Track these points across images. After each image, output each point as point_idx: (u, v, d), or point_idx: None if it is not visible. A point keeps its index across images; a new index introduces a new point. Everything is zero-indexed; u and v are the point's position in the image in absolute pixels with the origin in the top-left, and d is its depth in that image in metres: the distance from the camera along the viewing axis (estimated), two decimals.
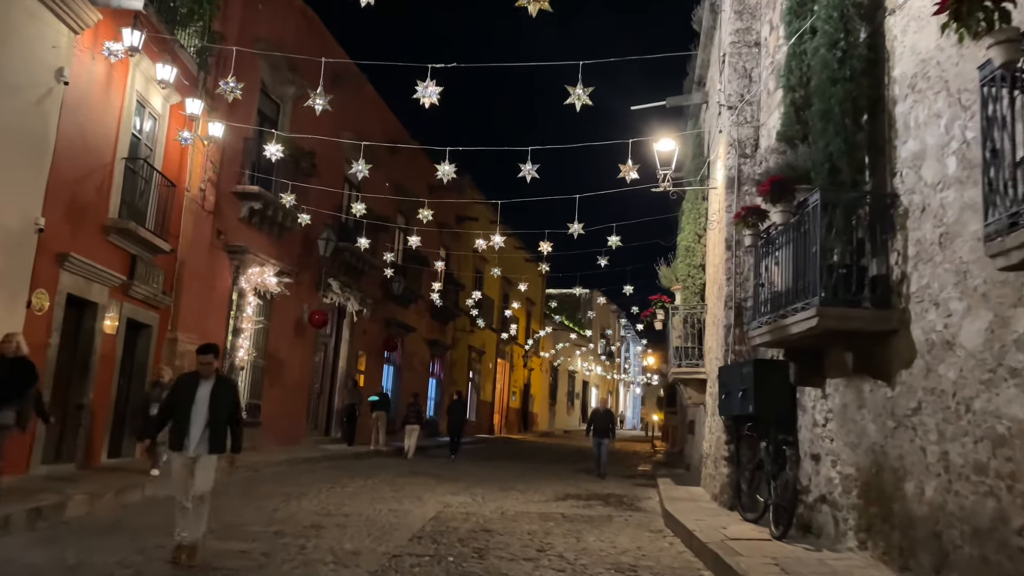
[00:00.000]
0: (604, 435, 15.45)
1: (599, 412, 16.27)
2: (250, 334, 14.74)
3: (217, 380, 6.33)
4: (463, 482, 13.20)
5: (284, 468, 13.34)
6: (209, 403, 6.14)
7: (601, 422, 15.72)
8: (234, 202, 14.12)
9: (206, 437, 6.12)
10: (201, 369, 6.33)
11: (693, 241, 11.88)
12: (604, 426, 15.60)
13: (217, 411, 6.17)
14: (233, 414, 6.36)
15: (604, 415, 16.04)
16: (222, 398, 6.22)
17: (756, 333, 7.39)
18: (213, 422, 6.14)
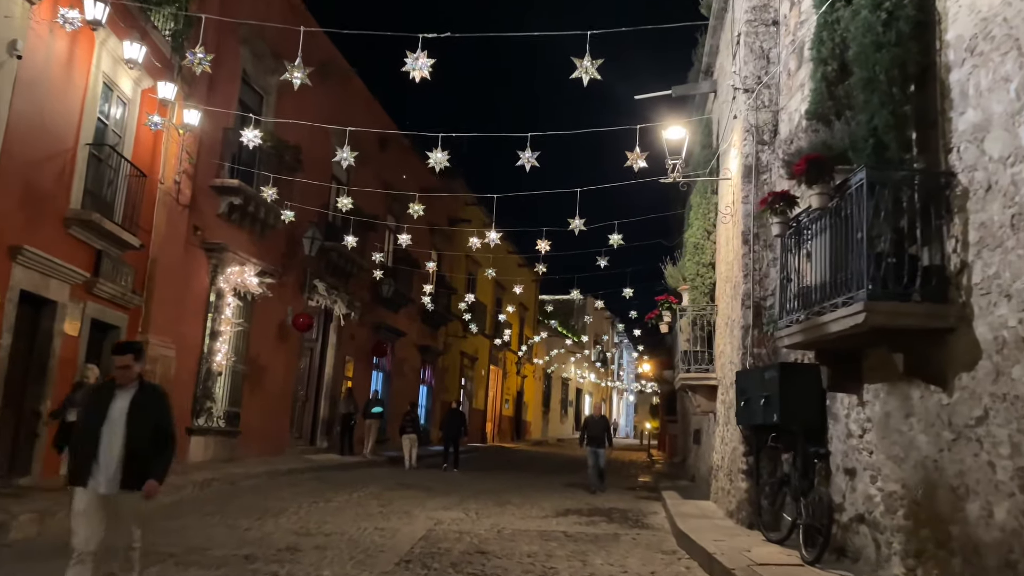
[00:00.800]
0: (600, 444, 14.18)
1: (593, 419, 14.85)
2: (229, 338, 13.88)
3: (140, 390, 4.73)
4: (455, 495, 12.37)
5: (264, 480, 12.47)
6: (127, 421, 4.56)
7: (596, 430, 14.37)
8: (212, 197, 13.28)
9: (121, 468, 4.52)
10: (118, 375, 4.75)
11: (702, 238, 11.12)
12: (599, 434, 14.32)
13: (138, 432, 4.58)
14: (162, 436, 4.74)
15: (599, 423, 14.64)
16: (145, 414, 4.64)
17: (785, 333, 6.61)
18: (133, 447, 4.55)
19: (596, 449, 14.09)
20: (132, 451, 4.55)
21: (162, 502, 9.53)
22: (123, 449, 4.54)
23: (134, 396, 4.67)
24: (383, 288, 20.42)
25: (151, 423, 4.67)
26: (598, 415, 15.11)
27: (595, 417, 14.97)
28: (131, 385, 4.72)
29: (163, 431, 4.77)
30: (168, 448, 4.81)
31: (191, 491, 10.43)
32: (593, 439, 14.27)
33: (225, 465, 12.86)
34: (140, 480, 4.58)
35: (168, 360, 11.84)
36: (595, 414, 15.13)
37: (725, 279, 10.12)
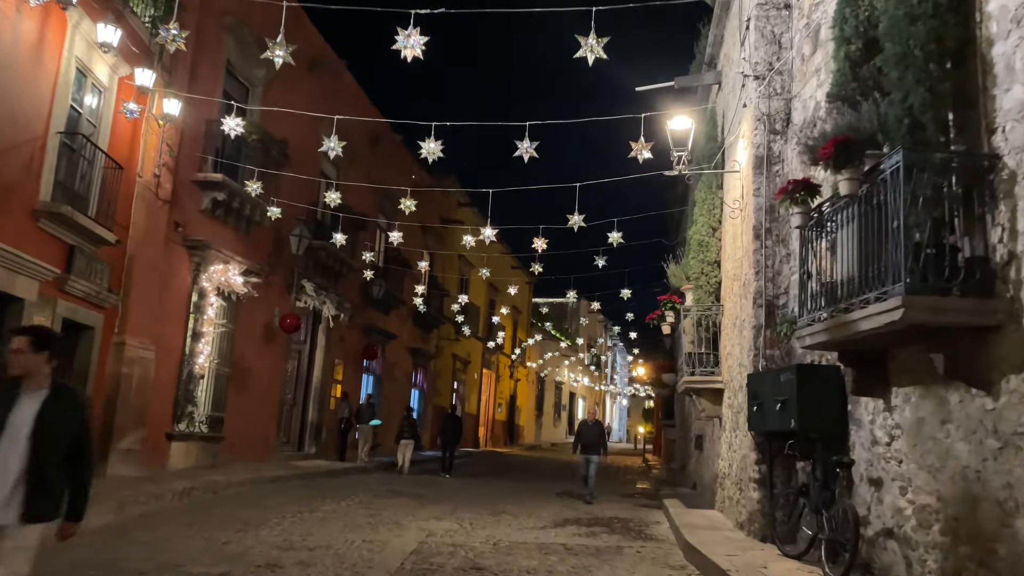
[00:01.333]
0: (594, 451, 13.16)
1: (587, 425, 13.64)
2: (213, 339, 13.31)
3: (54, 395, 3.58)
4: (448, 504, 11.83)
5: (248, 488, 11.90)
6: (32, 433, 3.45)
7: (590, 436, 13.31)
8: (195, 192, 12.72)
9: (21, 493, 3.43)
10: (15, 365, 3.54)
11: (707, 235, 10.64)
12: (593, 441, 13.26)
13: (46, 447, 3.48)
14: (78, 453, 3.63)
15: (593, 428, 13.44)
16: (58, 426, 3.54)
17: (806, 333, 6.12)
18: (38, 466, 3.46)
19: (589, 457, 13.10)
20: (37, 471, 3.46)
21: (136, 513, 9.01)
22: (24, 469, 3.43)
23: (44, 401, 3.53)
24: (373, 289, 19.88)
25: (65, 438, 3.57)
26: (592, 420, 13.82)
27: (589, 422, 13.73)
28: (41, 387, 3.56)
29: (81, 450, 3.65)
30: (88, 473, 3.73)
31: (169, 500, 9.86)
32: (587, 446, 13.27)
33: (207, 472, 12.29)
34: (44, 511, 3.51)
35: (147, 362, 11.28)
36: (589, 419, 13.88)
37: (732, 277, 9.64)
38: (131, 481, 10.37)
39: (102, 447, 10.63)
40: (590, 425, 13.57)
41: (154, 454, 11.78)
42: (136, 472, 11.05)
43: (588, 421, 13.82)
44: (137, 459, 11.12)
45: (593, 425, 13.54)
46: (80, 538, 7.70)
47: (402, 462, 16.94)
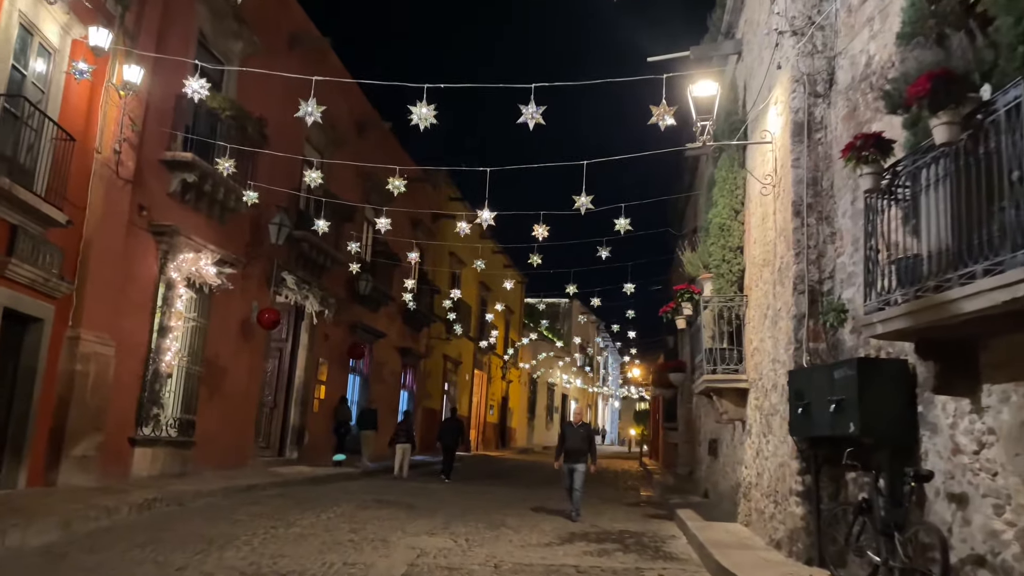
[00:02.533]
0: (580, 459, 11.14)
1: (573, 428, 11.51)
2: (182, 335, 12.16)
3: None
4: (440, 515, 10.74)
5: (218, 499, 10.76)
6: None
7: (576, 441, 11.27)
8: (162, 172, 11.58)
9: None
10: None
11: (729, 218, 9.60)
12: (580, 447, 11.23)
13: None
14: None
15: (580, 432, 11.36)
16: None
17: (879, 319, 5.07)
18: None
19: (574, 466, 11.07)
20: None
21: (84, 530, 7.87)
22: None
23: None
24: (360, 284, 18.75)
25: None
26: (579, 422, 11.63)
27: (574, 425, 11.58)
28: None
29: None
30: None
31: (126, 515, 8.71)
32: (572, 453, 11.19)
33: (175, 481, 11.14)
34: None
35: (105, 359, 10.12)
36: (575, 421, 11.75)
37: (762, 263, 8.60)
38: (84, 492, 9.22)
39: (52, 454, 9.48)
40: (576, 428, 11.52)
41: (115, 461, 10.63)
42: (92, 482, 9.90)
43: (574, 423, 11.68)
44: (94, 467, 9.97)
45: (579, 428, 11.49)
46: (12, 562, 6.59)
47: (399, 466, 16.80)
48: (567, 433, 11.56)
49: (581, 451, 11.27)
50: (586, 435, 11.42)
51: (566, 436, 11.51)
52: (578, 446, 11.31)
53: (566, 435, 11.52)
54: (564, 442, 11.46)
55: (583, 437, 11.39)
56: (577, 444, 11.33)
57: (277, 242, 14.05)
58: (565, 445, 11.40)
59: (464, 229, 12.00)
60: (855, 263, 6.56)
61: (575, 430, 11.51)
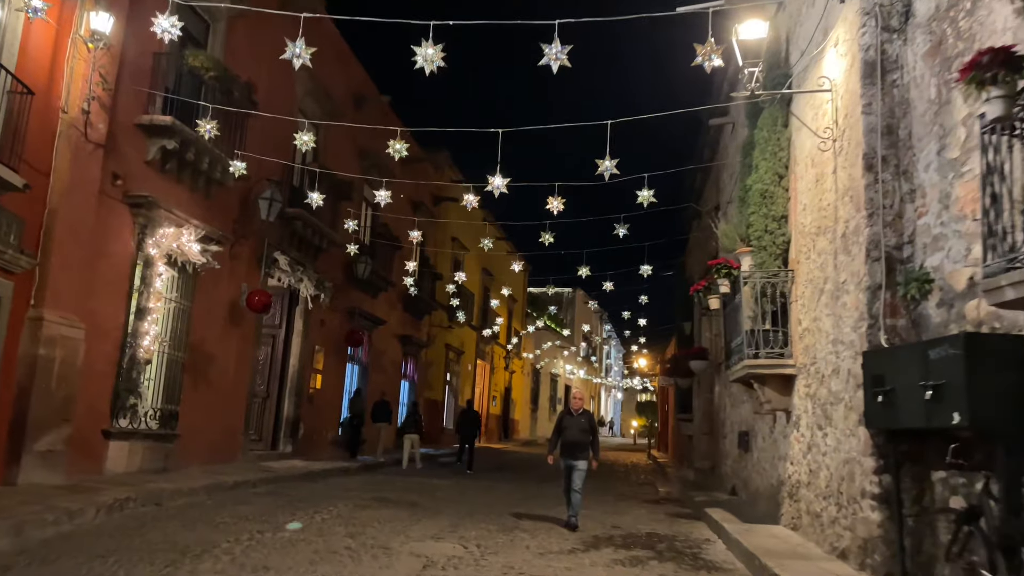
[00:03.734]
0: (581, 454, 9.36)
1: (572, 417, 9.62)
2: (163, 317, 11.10)
3: None
4: (446, 516, 9.72)
5: (201, 499, 9.73)
6: None
7: (576, 433, 9.44)
8: (138, 138, 10.50)
9: None
10: None
11: (771, 184, 8.54)
12: (581, 439, 9.41)
13: None
14: None
15: (579, 422, 9.53)
16: None
17: (1008, 282, 4.03)
18: None
19: (574, 463, 9.36)
20: None
21: (39, 537, 6.84)
22: None
23: None
24: (358, 267, 17.68)
25: None
26: (579, 409, 9.63)
27: (574, 413, 9.63)
28: None
29: None
30: None
31: (91, 518, 7.67)
32: (571, 447, 9.41)
33: (154, 478, 10.11)
34: None
35: (73, 343, 9.07)
36: (574, 408, 9.68)
37: (815, 232, 7.55)
38: (48, 492, 8.19)
39: (12, 449, 8.44)
40: (575, 417, 9.56)
41: (86, 456, 9.59)
42: (59, 479, 8.86)
43: (572, 411, 9.67)
44: (61, 463, 8.93)
45: (579, 417, 9.57)
46: None
47: (408, 457, 16.95)
48: (564, 423, 9.61)
49: (581, 444, 9.37)
50: (587, 425, 9.49)
51: (563, 426, 9.58)
52: (578, 438, 9.42)
53: (563, 425, 9.60)
54: (561, 433, 9.59)
55: (583, 428, 9.46)
56: (576, 436, 9.43)
57: (268, 218, 12.98)
58: (563, 437, 9.55)
59: (471, 202, 10.93)
60: (943, 224, 5.52)
61: (574, 419, 9.56)
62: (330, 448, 17.29)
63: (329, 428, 17.54)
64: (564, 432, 9.54)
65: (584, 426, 9.46)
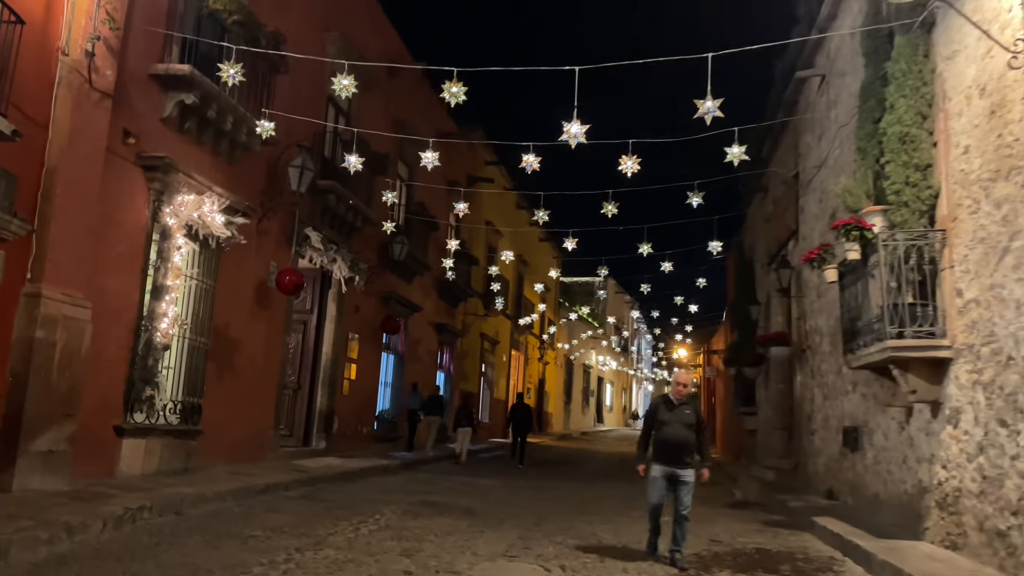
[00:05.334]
0: (684, 459, 6.73)
1: (671, 407, 6.91)
2: (182, 297, 9.78)
3: None
4: (510, 525, 8.33)
5: (228, 505, 8.39)
6: None
7: (678, 429, 6.76)
8: (153, 91, 9.15)
9: None
10: None
11: (913, 125, 6.98)
12: (685, 439, 6.75)
13: None
14: None
15: (684, 414, 6.82)
16: None
17: None
18: None
19: (676, 471, 6.68)
20: None
21: (27, 561, 5.51)
22: None
23: None
24: (395, 248, 16.30)
25: None
26: (681, 397, 6.92)
27: (674, 402, 6.90)
28: None
29: None
30: None
31: (96, 534, 6.34)
32: (672, 449, 6.73)
33: (174, 481, 8.79)
34: None
35: (77, 325, 7.75)
36: (676, 395, 6.94)
37: (989, 177, 6.00)
38: (46, 501, 6.87)
39: (5, 449, 7.14)
40: (677, 408, 6.85)
41: (94, 457, 8.30)
42: (62, 484, 7.56)
43: (673, 399, 6.92)
44: (63, 465, 7.63)
45: (682, 408, 6.85)
46: None
47: (460, 451, 16.75)
48: (661, 415, 6.85)
49: (687, 445, 6.73)
50: (693, 419, 6.82)
51: (660, 420, 6.84)
52: (682, 437, 6.72)
53: (660, 418, 6.85)
54: (658, 429, 6.84)
55: (688, 422, 6.77)
56: (680, 434, 6.72)
57: (299, 190, 11.60)
58: (659, 435, 6.82)
59: (532, 163, 9.46)
60: None
61: (676, 410, 6.83)
62: (366, 443, 15.97)
63: (364, 422, 16.21)
64: (662, 428, 6.80)
65: (689, 419, 6.78)
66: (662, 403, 7.07)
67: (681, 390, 6.97)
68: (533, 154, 9.44)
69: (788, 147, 13.95)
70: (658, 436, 6.91)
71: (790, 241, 13.58)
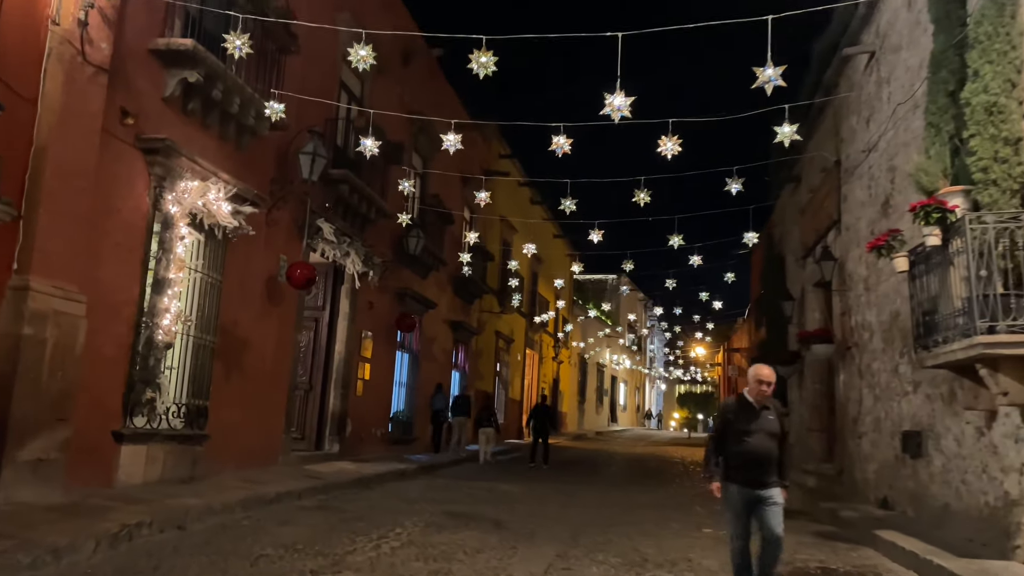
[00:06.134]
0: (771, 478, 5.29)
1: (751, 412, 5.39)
2: (186, 291, 9.08)
3: None
4: (543, 538, 7.62)
5: (236, 518, 7.69)
6: None
7: (763, 442, 5.28)
8: (154, 68, 8.45)
9: None
10: None
11: (1002, 93, 6.21)
12: (771, 453, 5.30)
13: None
14: None
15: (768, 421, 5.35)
16: None
17: None
18: None
19: (760, 493, 5.25)
20: None
21: None
22: None
23: None
24: (410, 242, 15.59)
25: None
26: (763, 399, 5.43)
27: (754, 405, 5.41)
28: None
29: None
30: None
31: (88, 555, 5.64)
32: (756, 465, 5.27)
33: (177, 491, 8.10)
34: None
35: (71, 321, 7.06)
36: (755, 396, 5.43)
37: None
38: (34, 516, 6.18)
39: None
40: (759, 414, 5.37)
41: (90, 465, 7.61)
42: (54, 496, 6.86)
43: (752, 401, 5.42)
44: (56, 475, 6.94)
45: (764, 412, 5.39)
46: None
47: (484, 452, 16.86)
48: (740, 423, 5.36)
49: (771, 461, 5.29)
50: (778, 427, 5.38)
51: (739, 428, 5.35)
52: (767, 449, 5.27)
53: (739, 426, 5.36)
54: (736, 441, 5.33)
55: (773, 431, 5.34)
56: (765, 446, 5.27)
57: (311, 178, 10.89)
58: (741, 447, 5.29)
59: (564, 145, 8.73)
60: None
61: (759, 416, 5.34)
62: (381, 446, 15.27)
63: (379, 424, 15.51)
64: (742, 440, 5.29)
65: (774, 428, 5.33)
66: (738, 407, 5.48)
67: (764, 390, 5.37)
68: (564, 135, 8.76)
69: (827, 133, 13.16)
70: (736, 449, 5.32)
71: (830, 232, 12.79)
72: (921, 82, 8.38)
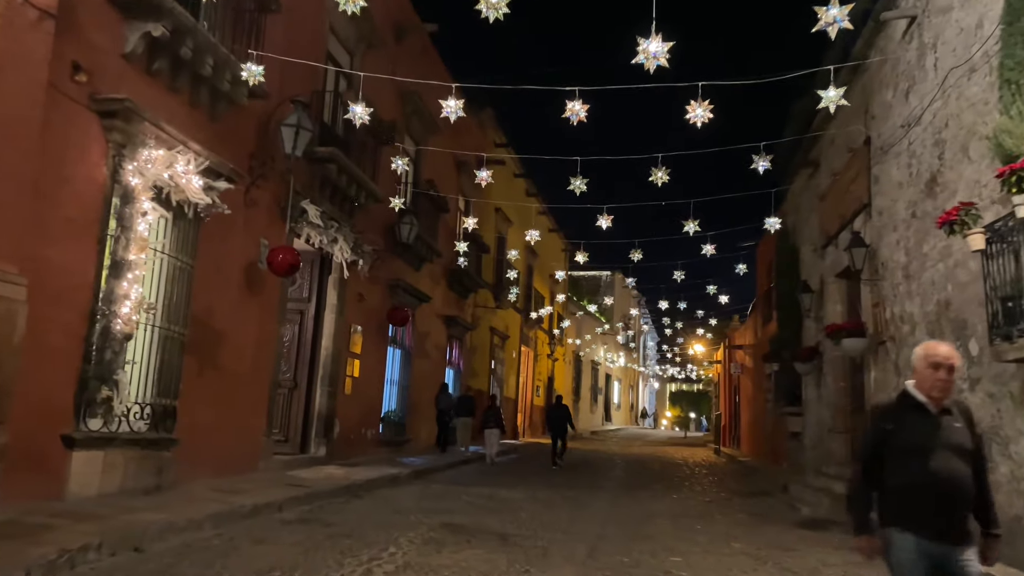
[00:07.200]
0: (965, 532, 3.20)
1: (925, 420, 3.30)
2: (150, 275, 8.02)
3: None
4: (557, 555, 6.64)
5: (206, 536, 6.64)
6: None
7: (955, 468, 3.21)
8: (112, 19, 7.38)
9: None
10: None
11: None
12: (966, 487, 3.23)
13: None
14: None
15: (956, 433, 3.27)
16: None
17: None
18: None
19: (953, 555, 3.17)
20: None
21: None
22: None
23: None
24: (403, 229, 14.55)
25: None
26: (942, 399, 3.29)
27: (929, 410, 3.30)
28: None
29: None
30: None
31: None
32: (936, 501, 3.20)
33: (138, 504, 7.05)
34: None
35: (8, 306, 5.99)
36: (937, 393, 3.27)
37: None
38: None
39: None
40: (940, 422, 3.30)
41: (35, 475, 6.56)
42: None
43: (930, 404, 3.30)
44: None
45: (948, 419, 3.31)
46: None
47: (491, 453, 16.61)
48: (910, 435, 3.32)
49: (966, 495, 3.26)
50: (967, 438, 3.31)
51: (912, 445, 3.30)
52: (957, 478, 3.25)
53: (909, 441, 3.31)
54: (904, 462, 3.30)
55: (963, 447, 3.29)
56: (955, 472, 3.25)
57: (294, 153, 9.84)
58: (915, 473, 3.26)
59: (579, 112, 7.74)
60: None
61: (943, 427, 3.29)
62: (371, 448, 14.24)
63: (369, 424, 14.47)
64: (914, 461, 3.28)
65: (963, 441, 3.30)
66: (901, 410, 3.41)
67: (942, 379, 3.28)
68: (580, 100, 7.79)
69: (853, 110, 12.19)
70: (906, 477, 3.30)
71: (857, 217, 11.84)
72: (982, 42, 7.44)
